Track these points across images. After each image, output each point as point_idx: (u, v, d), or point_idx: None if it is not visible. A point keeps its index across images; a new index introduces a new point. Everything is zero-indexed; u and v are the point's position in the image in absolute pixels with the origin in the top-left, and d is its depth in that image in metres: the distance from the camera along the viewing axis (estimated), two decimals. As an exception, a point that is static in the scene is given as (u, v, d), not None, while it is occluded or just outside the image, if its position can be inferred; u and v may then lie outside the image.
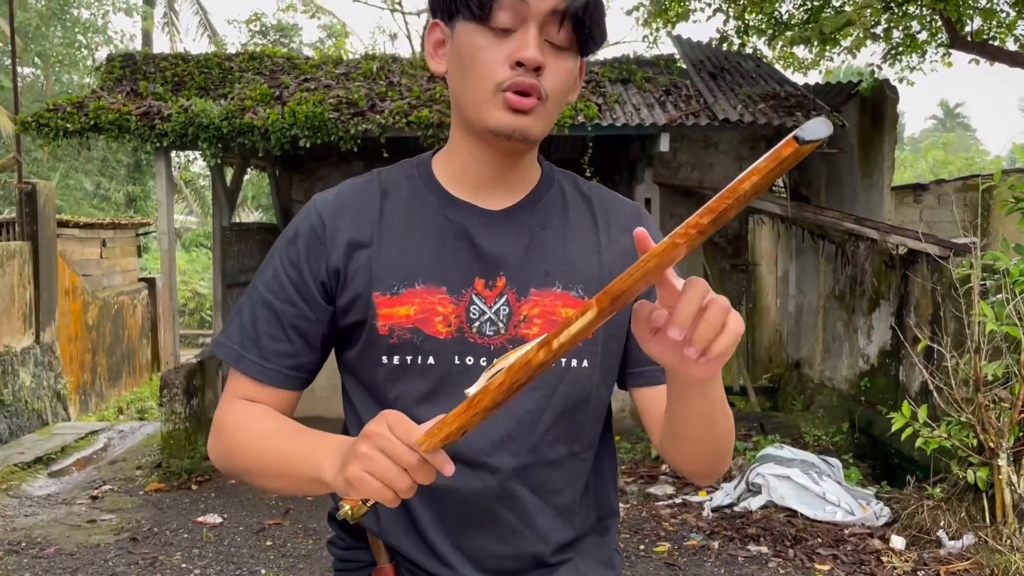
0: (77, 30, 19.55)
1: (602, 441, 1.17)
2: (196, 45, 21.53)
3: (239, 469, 1.06)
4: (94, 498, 5.59)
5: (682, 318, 0.77)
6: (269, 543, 4.72)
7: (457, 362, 1.04)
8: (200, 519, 5.07)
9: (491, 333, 1.04)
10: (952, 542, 4.34)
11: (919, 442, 4.44)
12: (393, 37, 21.03)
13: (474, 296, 1.05)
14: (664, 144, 6.37)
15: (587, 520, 1.15)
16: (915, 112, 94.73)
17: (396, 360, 1.04)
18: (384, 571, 1.11)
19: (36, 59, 18.78)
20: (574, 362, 1.07)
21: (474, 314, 1.04)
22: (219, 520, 5.06)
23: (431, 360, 1.04)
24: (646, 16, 8.52)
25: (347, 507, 0.88)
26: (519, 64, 0.97)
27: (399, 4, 13.92)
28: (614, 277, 1.06)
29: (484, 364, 1.03)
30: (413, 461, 0.82)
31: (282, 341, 1.07)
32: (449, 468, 0.82)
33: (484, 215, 1.07)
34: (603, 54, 8.73)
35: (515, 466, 1.06)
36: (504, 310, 1.05)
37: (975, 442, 4.38)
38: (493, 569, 1.08)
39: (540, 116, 1.01)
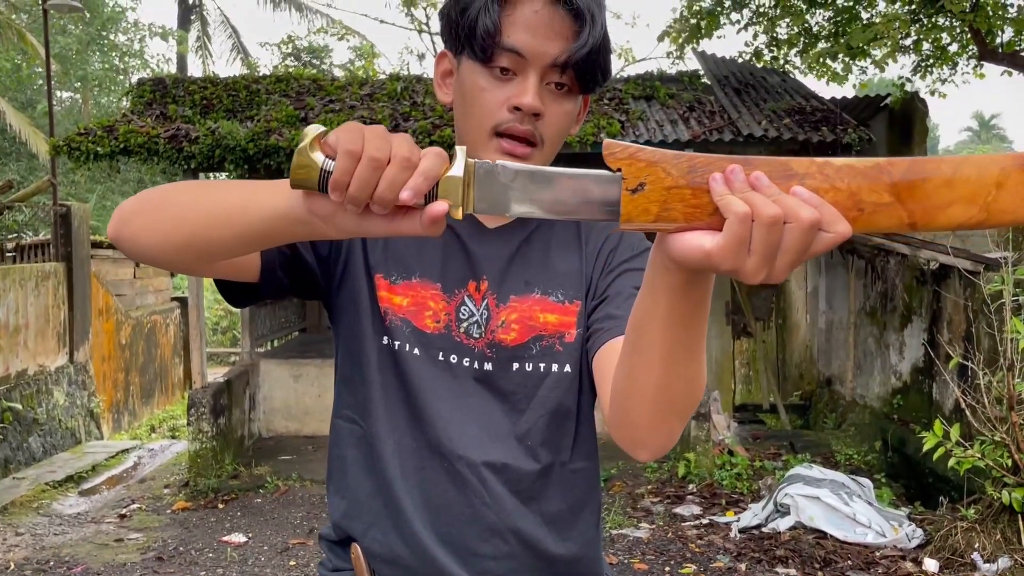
0: (114, 55, 20.00)
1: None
2: (229, 68, 21.91)
3: (160, 217, 0.86)
4: (122, 516, 5.64)
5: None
6: (293, 563, 4.72)
7: (441, 358, 1.07)
8: (225, 538, 5.09)
9: (476, 336, 1.07)
10: (987, 565, 4.22)
11: (952, 462, 4.33)
12: (421, 57, 21.17)
13: (466, 297, 1.08)
14: (688, 160, 6.34)
15: (590, 538, 1.15)
16: (950, 124, 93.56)
17: (385, 340, 1.07)
18: None
19: (76, 84, 19.23)
20: (555, 367, 1.08)
21: (463, 315, 1.08)
22: (244, 539, 5.08)
23: (416, 351, 1.07)
24: (679, 37, 8.50)
25: (312, 136, 0.68)
26: (517, 109, 0.99)
27: (426, 25, 14.04)
28: (593, 278, 1.10)
29: (467, 364, 1.07)
30: (427, 165, 0.67)
31: None
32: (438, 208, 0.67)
33: (478, 227, 1.11)
34: (627, 71, 8.72)
35: (490, 462, 1.06)
36: (485, 314, 1.08)
37: (1010, 462, 4.26)
38: (477, 569, 1.08)
39: (535, 160, 1.03)
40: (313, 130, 0.68)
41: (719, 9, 8.23)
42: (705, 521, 5.29)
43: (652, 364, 0.80)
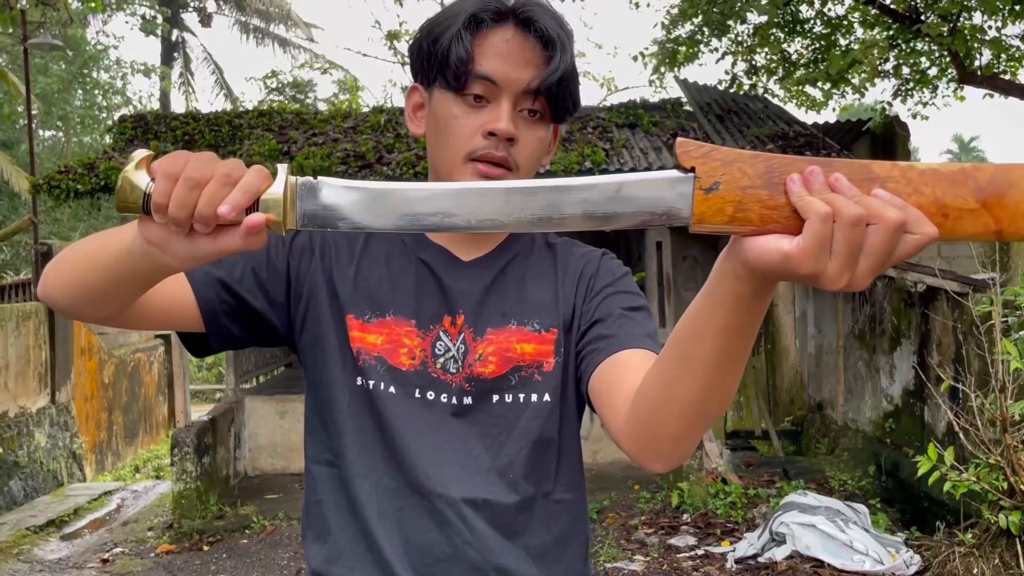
0: (97, 92, 19.99)
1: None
2: (213, 105, 21.98)
3: (60, 271, 0.91)
4: (105, 561, 5.50)
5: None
6: (280, 605, 4.61)
7: (418, 395, 1.05)
8: (210, 582, 4.97)
9: (454, 371, 1.06)
10: (987, 591, 4.16)
11: (947, 486, 4.29)
12: (404, 90, 21.36)
13: (441, 333, 1.07)
14: (673, 187, 6.34)
15: (578, 572, 1.13)
16: (930, 147, 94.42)
17: (359, 381, 1.06)
18: None
19: (59, 122, 19.19)
20: (534, 396, 1.07)
21: (439, 350, 1.06)
22: (230, 582, 4.96)
23: (392, 389, 1.05)
24: (655, 63, 8.56)
25: (138, 159, 0.67)
26: (491, 134, 1.00)
27: (408, 58, 14.14)
28: (571, 306, 1.09)
29: (444, 400, 1.05)
30: (247, 180, 0.67)
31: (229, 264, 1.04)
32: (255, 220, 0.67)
33: (453, 260, 1.11)
34: (610, 99, 8.77)
35: (470, 498, 1.04)
36: (461, 348, 1.06)
37: (1005, 485, 4.22)
38: None
39: None
40: (139, 153, 0.67)
41: (698, 36, 8.30)
42: (700, 551, 5.21)
43: (698, 376, 0.78)
